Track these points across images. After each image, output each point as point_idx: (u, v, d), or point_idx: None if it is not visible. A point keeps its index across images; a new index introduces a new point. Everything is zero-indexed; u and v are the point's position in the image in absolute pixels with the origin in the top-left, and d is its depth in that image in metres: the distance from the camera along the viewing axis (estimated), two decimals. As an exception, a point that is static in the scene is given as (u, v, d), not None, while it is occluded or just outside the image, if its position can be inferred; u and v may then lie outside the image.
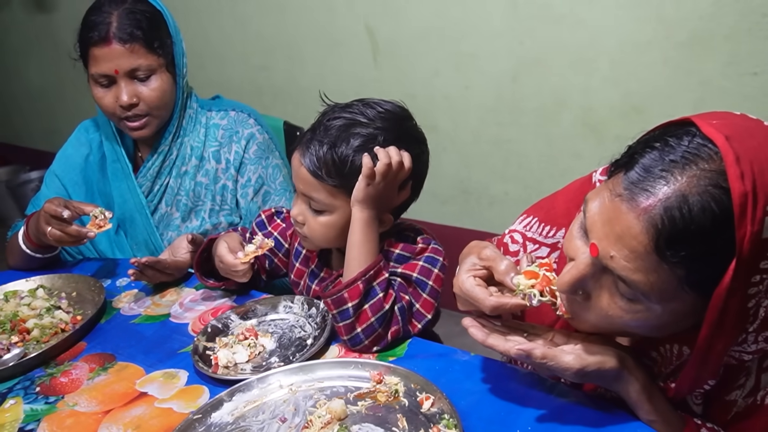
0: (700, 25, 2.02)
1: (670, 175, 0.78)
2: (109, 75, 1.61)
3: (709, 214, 0.76)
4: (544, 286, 0.95)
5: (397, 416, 1.03)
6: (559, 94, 2.39)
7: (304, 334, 1.33)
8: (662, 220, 0.77)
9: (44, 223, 1.53)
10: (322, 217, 1.30)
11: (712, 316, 0.79)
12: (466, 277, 1.03)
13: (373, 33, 2.83)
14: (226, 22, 3.33)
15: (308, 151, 1.26)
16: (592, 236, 0.85)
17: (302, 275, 1.47)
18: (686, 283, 0.79)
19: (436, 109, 2.74)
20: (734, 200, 0.75)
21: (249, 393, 1.13)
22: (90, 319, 1.44)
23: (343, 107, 1.30)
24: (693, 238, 0.77)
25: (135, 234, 1.79)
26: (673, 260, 0.78)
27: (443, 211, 2.89)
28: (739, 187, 0.75)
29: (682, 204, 0.76)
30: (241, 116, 1.81)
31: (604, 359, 0.92)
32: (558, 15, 2.30)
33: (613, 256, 0.82)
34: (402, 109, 1.33)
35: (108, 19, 1.59)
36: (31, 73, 4.65)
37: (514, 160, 2.62)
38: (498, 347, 0.96)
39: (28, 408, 1.20)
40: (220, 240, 1.45)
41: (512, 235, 1.27)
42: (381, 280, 1.23)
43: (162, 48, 1.66)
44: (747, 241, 0.75)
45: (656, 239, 0.78)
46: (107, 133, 1.79)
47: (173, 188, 1.78)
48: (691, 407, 0.98)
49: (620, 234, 0.81)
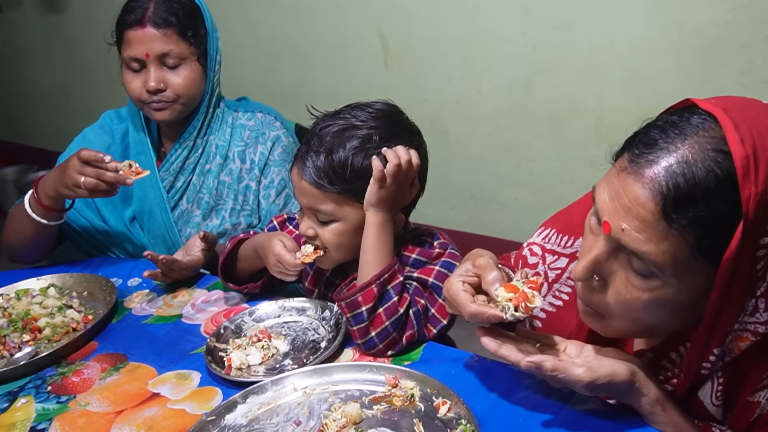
0: (716, 32, 2.01)
1: (672, 146, 0.81)
2: (140, 59, 1.64)
3: (712, 177, 0.78)
4: (519, 301, 0.96)
5: (413, 421, 1.02)
6: (571, 100, 2.39)
7: (318, 336, 1.32)
8: (667, 186, 0.80)
9: (76, 172, 1.49)
10: (332, 226, 1.29)
11: (722, 279, 0.80)
12: (455, 281, 1.04)
13: (385, 37, 2.83)
14: (237, 24, 3.33)
15: (306, 163, 1.25)
16: (603, 216, 0.87)
17: (316, 283, 1.46)
18: (697, 250, 0.81)
19: (447, 114, 2.74)
20: (736, 162, 0.77)
21: (263, 395, 1.12)
22: (102, 318, 1.43)
23: (332, 115, 1.30)
24: (698, 200, 0.79)
25: (153, 228, 1.78)
26: (681, 225, 0.80)
27: (453, 216, 2.89)
28: (740, 150, 0.77)
29: (685, 169, 0.79)
30: (267, 118, 1.82)
31: (615, 372, 0.91)
32: (571, 21, 2.29)
33: (624, 229, 0.84)
34: (391, 106, 1.32)
35: (146, 5, 1.64)
36: (41, 73, 4.67)
37: (525, 166, 2.62)
38: (509, 358, 0.96)
39: (40, 407, 1.20)
40: (273, 239, 1.38)
41: (531, 247, 1.28)
42: (396, 284, 1.22)
43: (195, 38, 1.69)
44: (752, 201, 0.77)
45: (663, 204, 0.80)
46: (135, 123, 1.80)
47: (195, 185, 1.78)
48: (709, 410, 0.96)
49: (629, 205, 0.83)
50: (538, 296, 0.97)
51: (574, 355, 0.98)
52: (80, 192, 1.51)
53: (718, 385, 0.94)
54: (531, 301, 0.96)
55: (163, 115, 1.69)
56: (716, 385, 0.94)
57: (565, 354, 0.99)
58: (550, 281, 1.21)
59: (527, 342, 1.02)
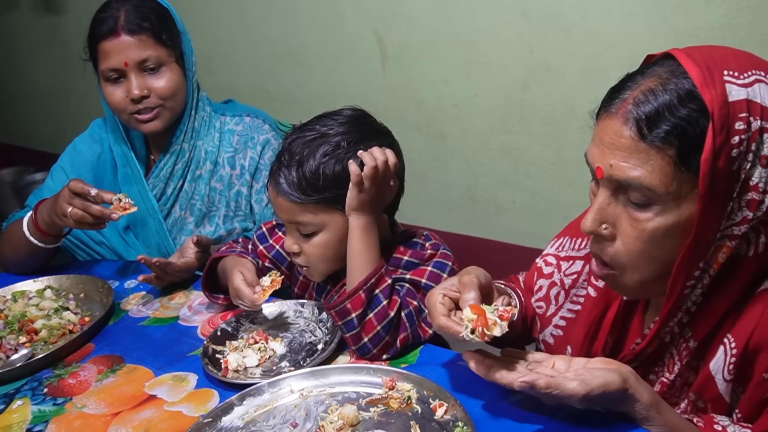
0: (712, 35, 2.02)
1: (635, 84, 0.91)
2: (119, 68, 1.62)
3: (674, 94, 0.87)
4: (477, 325, 0.97)
5: (409, 423, 1.02)
6: (568, 103, 2.39)
7: (315, 339, 1.32)
8: (637, 112, 0.88)
9: (65, 202, 1.49)
10: (315, 238, 1.29)
11: (704, 182, 0.85)
12: (437, 292, 1.07)
13: (382, 39, 2.83)
14: (234, 26, 3.33)
15: (279, 179, 1.27)
16: (594, 164, 0.95)
17: (306, 288, 1.46)
18: (680, 162, 0.87)
19: (444, 116, 2.74)
20: (692, 75, 0.87)
21: (260, 397, 1.12)
22: (98, 320, 1.43)
23: (300, 127, 1.31)
24: (667, 114, 0.87)
25: (147, 237, 1.78)
26: (659, 140, 0.87)
27: (450, 218, 2.88)
28: (694, 67, 0.87)
29: (648, 94, 0.88)
30: (256, 122, 1.81)
31: (608, 381, 0.91)
32: (568, 23, 2.30)
33: (612, 164, 0.91)
34: (358, 111, 1.34)
35: (116, 14, 1.61)
36: (38, 74, 4.66)
37: (523, 168, 2.62)
38: (501, 381, 0.97)
39: (36, 409, 1.20)
40: (234, 270, 1.40)
41: (546, 258, 1.30)
42: (384, 287, 1.22)
43: (171, 40, 1.67)
44: (715, 102, 0.85)
45: (638, 127, 0.88)
46: (116, 136, 1.77)
47: (188, 192, 1.77)
48: (719, 389, 0.96)
49: (610, 141, 0.91)
50: (499, 327, 0.98)
51: (564, 370, 0.99)
52: (68, 222, 1.51)
53: (731, 357, 0.94)
54: (490, 328, 0.97)
55: (153, 125, 1.67)
56: (729, 357, 0.94)
57: (555, 370, 1.00)
58: (567, 288, 1.22)
59: (515, 362, 1.03)
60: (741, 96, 0.86)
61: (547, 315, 1.25)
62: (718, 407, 0.97)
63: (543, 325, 1.26)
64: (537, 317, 1.28)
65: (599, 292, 1.13)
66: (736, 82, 0.86)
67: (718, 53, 0.90)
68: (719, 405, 0.97)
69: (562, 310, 1.23)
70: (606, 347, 1.12)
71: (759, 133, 0.86)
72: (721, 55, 0.90)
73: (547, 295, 1.26)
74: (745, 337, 0.93)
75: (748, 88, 0.86)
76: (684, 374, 1.01)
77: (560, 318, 1.23)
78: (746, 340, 0.93)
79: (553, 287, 1.26)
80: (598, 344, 1.12)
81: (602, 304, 1.13)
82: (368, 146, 1.25)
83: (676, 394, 1.03)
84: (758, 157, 0.87)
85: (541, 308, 1.27)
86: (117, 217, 1.49)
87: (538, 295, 1.28)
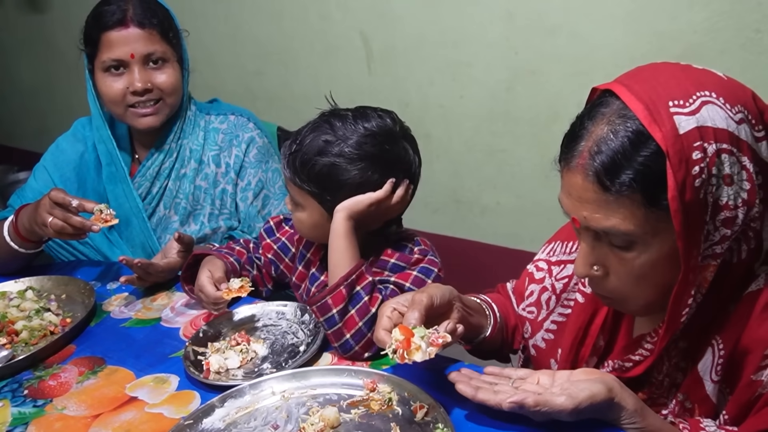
0: (695, 39, 2.03)
1: (587, 132, 0.91)
2: (123, 60, 1.62)
3: (625, 137, 0.87)
4: (398, 347, 0.98)
5: (390, 425, 1.02)
6: (553, 105, 2.40)
7: (297, 340, 1.32)
8: (594, 165, 0.89)
9: (45, 211, 1.47)
10: (297, 212, 1.35)
11: (677, 218, 0.86)
12: (388, 304, 1.10)
13: (368, 40, 2.83)
14: (220, 27, 3.32)
15: (286, 150, 1.32)
16: (569, 214, 0.96)
17: (304, 278, 1.46)
18: (648, 203, 0.87)
19: (430, 117, 2.74)
20: (637, 114, 0.87)
21: (241, 399, 1.12)
22: (80, 321, 1.42)
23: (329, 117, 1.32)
24: (623, 161, 0.87)
25: (131, 237, 1.77)
26: (623, 189, 0.87)
27: (435, 219, 2.89)
28: (638, 104, 0.87)
29: (601, 144, 0.88)
30: (240, 120, 1.81)
31: (594, 392, 0.93)
32: (553, 26, 2.31)
33: (585, 216, 0.93)
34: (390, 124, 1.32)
35: (124, 6, 1.61)
36: (22, 73, 4.63)
37: (507, 169, 2.63)
38: (489, 402, 0.97)
39: (16, 411, 1.19)
40: (203, 267, 1.43)
41: (537, 263, 1.31)
42: (365, 284, 1.23)
43: (175, 39, 1.69)
44: (667, 139, 0.85)
45: (599, 181, 0.89)
46: (102, 134, 1.75)
47: (172, 191, 1.76)
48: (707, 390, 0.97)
49: (578, 196, 0.92)
50: (421, 353, 0.98)
51: (549, 385, 0.99)
52: (48, 231, 1.49)
53: (718, 358, 0.95)
54: (410, 353, 0.98)
55: (151, 120, 1.67)
56: (717, 358, 0.96)
57: (540, 386, 1.01)
58: (558, 292, 1.24)
59: (500, 379, 1.04)
60: (691, 125, 0.85)
61: (538, 320, 1.26)
62: (706, 408, 0.98)
63: (534, 330, 1.27)
64: (528, 323, 1.29)
65: (587, 298, 1.14)
66: (683, 112, 0.86)
67: (660, 80, 0.90)
68: (706, 406, 0.98)
69: (554, 314, 1.24)
70: (595, 351, 1.13)
71: (716, 156, 0.86)
72: (663, 82, 0.89)
73: (538, 300, 1.27)
74: (733, 339, 0.94)
75: (696, 114, 0.86)
76: (672, 374, 1.03)
77: (551, 322, 1.24)
78: (734, 342, 0.94)
79: (544, 292, 1.27)
80: (585, 350, 1.13)
81: (590, 309, 1.14)
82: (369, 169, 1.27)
83: (664, 394, 1.04)
84: (721, 177, 0.87)
85: (532, 313, 1.28)
86: (98, 229, 1.47)
87: (529, 300, 1.29)
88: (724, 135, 0.86)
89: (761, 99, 0.92)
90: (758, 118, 0.90)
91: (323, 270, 1.42)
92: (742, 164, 0.88)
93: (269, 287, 1.55)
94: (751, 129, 0.88)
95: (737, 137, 0.87)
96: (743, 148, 0.87)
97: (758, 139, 0.89)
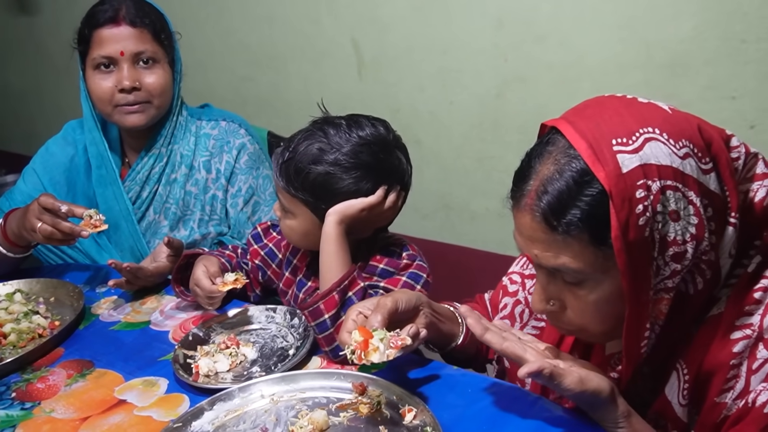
0: (682, 48, 2.05)
1: (533, 172, 0.92)
2: (113, 57, 1.62)
3: (569, 177, 0.88)
4: (357, 348, 1.00)
5: (379, 428, 1.03)
6: (542, 112, 2.39)
7: (286, 344, 1.32)
8: (541, 206, 0.90)
9: (34, 217, 1.48)
10: (287, 219, 1.34)
11: (621, 257, 0.86)
12: (354, 308, 1.12)
13: (359, 46, 2.84)
14: (211, 32, 3.32)
15: (278, 158, 1.31)
16: (523, 251, 0.98)
17: (291, 284, 1.47)
18: (596, 242, 0.88)
19: (419, 123, 2.75)
20: (581, 153, 0.87)
21: (230, 402, 1.12)
22: (68, 324, 1.42)
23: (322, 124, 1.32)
24: (569, 203, 0.88)
25: (120, 241, 1.77)
26: (570, 229, 0.88)
27: (424, 225, 2.90)
28: (582, 143, 0.88)
29: (548, 184, 0.89)
30: (231, 126, 1.81)
31: (601, 387, 0.94)
32: (542, 34, 2.33)
33: (537, 254, 0.94)
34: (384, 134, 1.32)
35: (117, 6, 1.63)
36: (11, 75, 4.60)
37: (496, 176, 2.64)
38: (494, 345, 0.98)
39: (4, 414, 1.18)
40: (198, 262, 1.44)
41: (511, 276, 1.32)
42: (357, 290, 1.24)
43: (167, 41, 1.69)
44: (610, 179, 0.85)
45: (547, 220, 0.90)
46: (93, 136, 1.75)
47: (162, 195, 1.76)
48: (676, 412, 0.98)
49: (528, 235, 0.94)
50: (378, 354, 1.00)
51: (553, 358, 1.00)
52: (37, 237, 1.49)
53: (684, 382, 0.96)
54: (367, 354, 1.00)
55: (137, 119, 1.67)
56: (682, 382, 0.96)
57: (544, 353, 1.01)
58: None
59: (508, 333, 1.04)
60: (634, 163, 0.85)
61: None
62: (679, 426, 0.99)
63: None
64: None
65: None
66: (626, 150, 0.86)
67: (604, 117, 0.90)
68: (679, 425, 0.99)
69: (527, 327, 1.25)
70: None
71: (661, 192, 0.86)
72: (607, 119, 0.89)
73: (512, 312, 1.28)
74: (696, 363, 0.95)
75: (639, 152, 0.86)
76: (642, 395, 1.04)
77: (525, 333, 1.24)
78: (698, 366, 0.95)
79: (517, 305, 1.28)
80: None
81: None
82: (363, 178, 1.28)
83: (639, 411, 1.05)
84: (667, 214, 0.87)
85: None
86: (87, 235, 1.47)
87: (503, 313, 1.30)
88: (669, 171, 0.86)
89: (708, 129, 0.91)
90: (705, 150, 0.89)
91: (310, 276, 1.42)
92: (688, 199, 0.87)
93: (257, 293, 1.56)
94: (697, 162, 0.88)
95: (682, 173, 0.86)
96: (689, 182, 0.87)
97: (705, 171, 0.89)
